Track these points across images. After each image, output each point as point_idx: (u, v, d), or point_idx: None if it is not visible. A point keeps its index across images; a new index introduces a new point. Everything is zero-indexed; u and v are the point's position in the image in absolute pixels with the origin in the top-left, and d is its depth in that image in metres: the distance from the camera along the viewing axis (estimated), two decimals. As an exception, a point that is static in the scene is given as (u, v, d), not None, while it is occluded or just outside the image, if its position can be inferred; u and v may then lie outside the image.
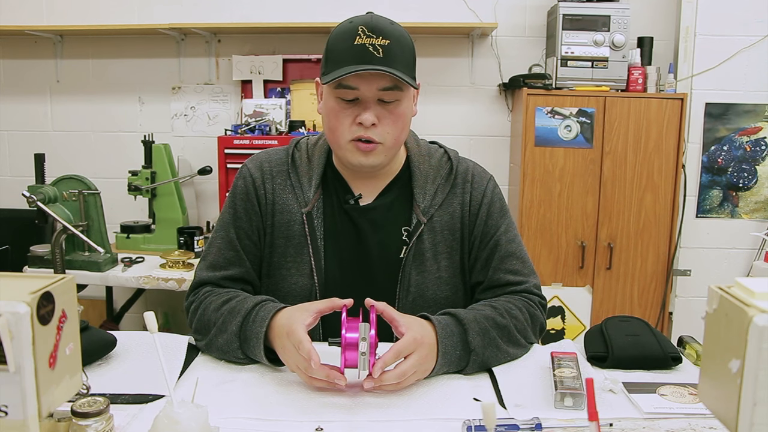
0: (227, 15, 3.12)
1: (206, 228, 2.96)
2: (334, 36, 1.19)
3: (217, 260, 1.29)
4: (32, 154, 2.56)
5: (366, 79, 1.13)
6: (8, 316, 0.57)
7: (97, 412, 0.79)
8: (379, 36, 1.13)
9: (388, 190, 1.30)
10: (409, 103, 1.22)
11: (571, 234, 2.82)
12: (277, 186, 1.29)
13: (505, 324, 1.16)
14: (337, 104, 1.18)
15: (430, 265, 1.27)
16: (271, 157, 1.32)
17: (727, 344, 0.59)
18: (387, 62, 1.12)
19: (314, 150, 1.32)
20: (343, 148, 1.21)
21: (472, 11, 3.08)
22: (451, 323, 1.12)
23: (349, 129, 1.18)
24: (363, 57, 1.12)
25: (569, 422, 0.93)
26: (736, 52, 2.85)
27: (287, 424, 0.93)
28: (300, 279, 1.27)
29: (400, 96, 1.17)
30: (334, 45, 1.17)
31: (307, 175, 1.29)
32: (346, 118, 1.18)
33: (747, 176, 2.95)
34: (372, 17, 1.16)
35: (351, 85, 1.15)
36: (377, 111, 1.17)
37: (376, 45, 1.12)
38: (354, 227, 1.28)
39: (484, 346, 1.11)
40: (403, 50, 1.16)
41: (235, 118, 3.20)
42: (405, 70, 1.15)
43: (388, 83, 1.14)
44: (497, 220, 1.30)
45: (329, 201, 1.29)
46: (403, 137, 1.24)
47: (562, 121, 2.75)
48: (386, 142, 1.19)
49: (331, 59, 1.17)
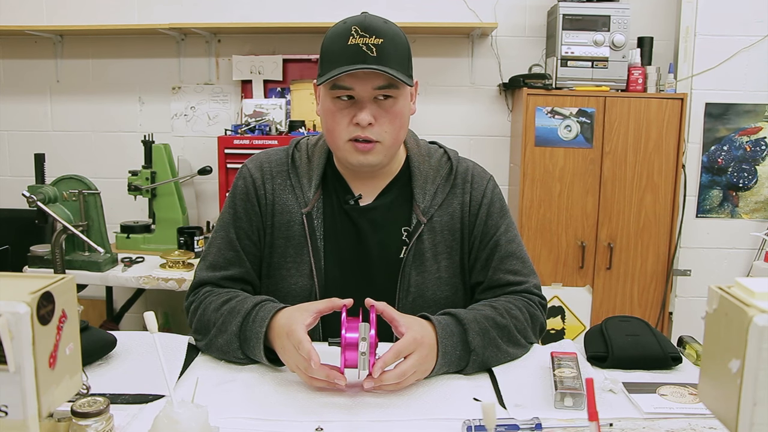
0: (227, 15, 3.12)
1: (206, 228, 2.96)
2: (328, 37, 1.19)
3: (217, 260, 1.29)
4: (32, 154, 2.56)
5: (361, 78, 1.14)
6: (8, 316, 0.57)
7: (97, 412, 0.79)
8: (372, 35, 1.13)
9: (387, 190, 1.30)
10: (406, 101, 1.22)
11: (571, 234, 2.82)
12: (277, 186, 1.29)
13: (505, 324, 1.16)
14: (333, 105, 1.18)
15: (430, 265, 1.27)
16: (271, 158, 1.32)
17: (727, 344, 0.59)
18: (381, 61, 1.12)
19: (314, 150, 1.32)
20: (341, 148, 1.21)
21: (472, 11, 3.08)
22: (451, 323, 1.11)
23: (347, 129, 1.18)
24: (357, 57, 1.12)
25: (569, 422, 0.93)
26: (736, 52, 2.85)
27: (287, 424, 0.93)
28: (300, 279, 1.27)
29: (396, 94, 1.17)
30: (329, 46, 1.18)
31: (307, 176, 1.29)
32: (343, 119, 1.18)
33: (747, 176, 2.95)
34: (366, 17, 1.16)
35: (346, 85, 1.15)
36: (374, 110, 1.17)
37: (370, 44, 1.12)
38: (354, 227, 1.28)
39: (484, 346, 1.11)
40: (397, 49, 1.15)
41: (235, 118, 3.20)
42: (400, 69, 1.15)
43: (383, 82, 1.14)
44: (497, 221, 1.30)
45: (329, 201, 1.29)
46: (402, 135, 1.24)
47: (562, 121, 2.75)
48: (385, 141, 1.19)
49: (326, 60, 1.17)
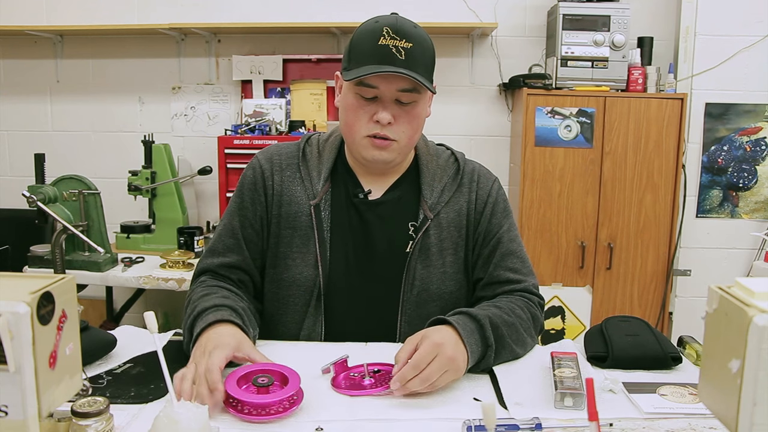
0: (227, 15, 3.12)
1: (206, 228, 2.96)
2: (358, 33, 1.21)
3: (217, 246, 1.32)
4: (32, 154, 2.56)
5: (386, 79, 1.17)
6: (8, 316, 0.57)
7: (97, 412, 0.79)
8: (402, 38, 1.16)
9: (396, 186, 1.33)
10: (425, 105, 1.26)
11: (571, 234, 2.82)
12: (286, 178, 1.32)
13: (512, 322, 1.18)
14: (356, 101, 1.21)
15: (436, 260, 1.29)
16: (281, 150, 1.35)
17: (727, 344, 0.59)
18: (408, 65, 1.16)
19: (325, 146, 1.35)
20: (357, 143, 1.24)
21: (472, 11, 3.08)
22: (467, 321, 1.12)
23: (366, 125, 1.22)
24: (385, 58, 1.15)
25: (569, 422, 0.93)
26: (736, 52, 2.85)
27: (287, 424, 0.93)
28: (305, 269, 1.28)
29: (417, 98, 1.21)
30: (359, 43, 1.20)
31: (317, 169, 1.32)
32: (364, 115, 1.21)
33: (747, 176, 2.95)
34: (397, 19, 1.19)
35: (371, 84, 1.18)
36: (394, 110, 1.20)
37: (399, 47, 1.16)
38: (361, 221, 1.30)
39: (497, 342, 1.13)
40: (424, 54, 1.19)
41: (235, 118, 3.20)
42: (424, 74, 1.19)
43: (407, 85, 1.18)
44: (500, 219, 1.33)
45: (338, 194, 1.31)
46: (417, 137, 1.28)
47: (562, 121, 2.75)
48: (401, 141, 1.23)
49: (355, 56, 1.20)
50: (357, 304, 1.29)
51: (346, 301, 1.28)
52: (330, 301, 1.28)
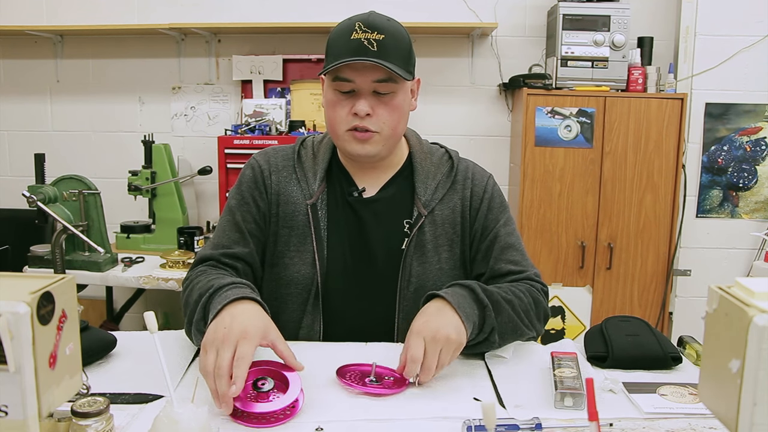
0: (227, 15, 3.12)
1: (206, 228, 2.96)
2: (334, 32, 1.24)
3: (221, 240, 1.31)
4: (32, 154, 2.55)
5: (360, 71, 1.19)
6: (8, 316, 0.57)
7: (97, 412, 0.79)
8: (374, 31, 1.18)
9: (390, 183, 1.34)
10: (406, 96, 1.26)
11: (571, 234, 2.82)
12: (283, 179, 1.33)
13: (509, 299, 1.19)
14: (334, 96, 1.24)
15: (431, 256, 1.30)
16: (278, 152, 1.37)
17: (727, 344, 0.59)
18: (381, 55, 1.17)
19: (319, 147, 1.36)
20: (340, 138, 1.26)
21: (472, 11, 3.08)
22: (456, 287, 1.15)
23: (346, 119, 1.23)
24: (358, 50, 1.17)
25: (569, 422, 0.93)
26: (736, 52, 2.85)
27: (287, 423, 0.93)
28: (303, 267, 1.29)
29: (394, 88, 1.22)
30: (334, 41, 1.23)
31: (312, 170, 1.33)
32: (343, 109, 1.23)
33: (747, 176, 2.95)
34: (370, 14, 1.22)
35: (347, 78, 1.20)
36: (372, 102, 1.22)
37: (371, 39, 1.17)
38: (357, 219, 1.31)
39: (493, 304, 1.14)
40: (397, 45, 1.20)
41: (235, 118, 3.20)
42: (399, 64, 1.20)
43: (381, 75, 1.19)
44: (497, 214, 1.34)
45: (333, 193, 1.33)
46: (401, 128, 1.28)
47: (562, 121, 2.75)
48: (383, 132, 1.24)
49: (330, 53, 1.23)
50: (354, 301, 1.29)
51: (344, 298, 1.29)
52: (328, 298, 1.29)
